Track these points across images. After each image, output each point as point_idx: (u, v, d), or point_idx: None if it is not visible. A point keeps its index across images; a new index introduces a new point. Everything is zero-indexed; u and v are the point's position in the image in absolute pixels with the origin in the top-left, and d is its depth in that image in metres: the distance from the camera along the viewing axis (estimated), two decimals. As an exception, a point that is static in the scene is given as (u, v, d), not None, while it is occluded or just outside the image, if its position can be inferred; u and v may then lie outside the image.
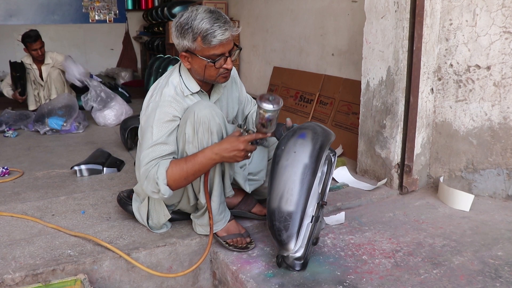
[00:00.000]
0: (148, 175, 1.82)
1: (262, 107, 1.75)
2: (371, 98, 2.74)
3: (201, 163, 1.81)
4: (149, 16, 8.03)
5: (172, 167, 1.81)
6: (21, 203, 2.53)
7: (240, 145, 1.79)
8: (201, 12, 1.81)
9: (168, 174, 1.80)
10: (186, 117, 1.86)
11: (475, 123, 2.51)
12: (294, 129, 1.90)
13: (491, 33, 2.39)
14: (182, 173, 1.81)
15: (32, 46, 4.82)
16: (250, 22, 5.51)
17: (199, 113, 1.82)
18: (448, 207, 2.46)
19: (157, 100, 1.90)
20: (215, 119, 1.85)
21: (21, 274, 1.79)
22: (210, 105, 1.88)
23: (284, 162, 1.81)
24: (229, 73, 1.95)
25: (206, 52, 1.83)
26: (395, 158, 2.62)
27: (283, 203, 1.77)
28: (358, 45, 3.45)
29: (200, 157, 1.82)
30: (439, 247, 2.02)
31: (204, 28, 1.78)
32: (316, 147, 1.82)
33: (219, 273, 2.04)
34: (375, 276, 1.80)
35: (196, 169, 1.82)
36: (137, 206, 2.18)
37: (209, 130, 1.84)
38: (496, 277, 1.77)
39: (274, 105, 1.75)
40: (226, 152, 1.80)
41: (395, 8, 2.49)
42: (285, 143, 1.85)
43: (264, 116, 1.77)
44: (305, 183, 1.78)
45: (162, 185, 1.80)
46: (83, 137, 4.18)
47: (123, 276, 1.95)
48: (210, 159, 1.82)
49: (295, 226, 1.77)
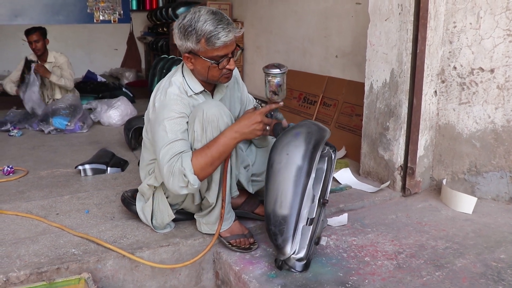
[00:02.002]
0: (173, 170, 1.79)
1: (271, 73, 1.83)
2: (375, 100, 2.74)
3: (224, 144, 1.82)
4: (153, 16, 8.05)
5: (196, 155, 1.81)
6: (25, 202, 2.55)
7: (257, 117, 1.82)
8: (204, 13, 1.82)
9: (193, 163, 1.79)
10: (195, 115, 1.86)
11: (478, 125, 2.51)
12: (288, 130, 1.90)
13: (495, 36, 2.39)
14: (208, 159, 1.81)
15: (28, 38, 4.81)
16: (254, 24, 5.52)
17: (208, 111, 1.84)
18: (451, 210, 2.46)
19: (162, 99, 1.91)
20: (224, 118, 1.86)
21: (25, 272, 1.80)
22: (218, 104, 1.90)
23: (277, 165, 1.81)
24: (231, 73, 1.96)
25: (210, 54, 1.84)
26: (398, 160, 2.63)
27: (277, 207, 1.78)
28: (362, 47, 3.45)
29: (221, 139, 1.83)
30: (442, 250, 2.02)
31: (208, 30, 1.79)
32: (310, 147, 1.80)
33: (222, 273, 2.05)
34: (378, 277, 1.81)
35: (220, 151, 1.82)
36: (141, 206, 2.19)
37: (218, 128, 1.85)
38: (498, 280, 1.77)
39: (281, 68, 1.84)
40: (246, 128, 1.83)
41: (399, 10, 2.50)
42: (278, 145, 1.85)
43: (274, 82, 1.85)
44: (299, 185, 1.78)
45: (190, 175, 1.78)
46: (87, 137, 4.20)
47: (127, 275, 1.97)
48: (232, 138, 1.83)
49: (290, 229, 1.78)
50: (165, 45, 7.48)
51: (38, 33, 4.82)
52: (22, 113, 4.64)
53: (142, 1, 9.30)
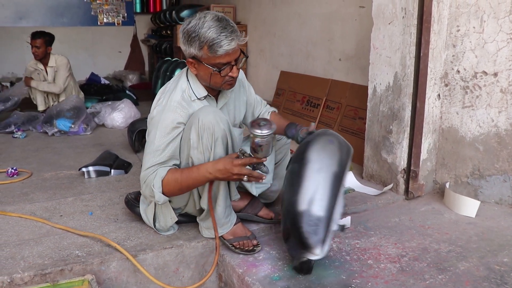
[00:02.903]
0: (146, 180, 1.92)
1: (252, 132, 1.76)
2: (378, 104, 2.75)
3: (195, 179, 1.87)
4: (157, 19, 8.07)
5: (168, 176, 1.88)
6: (29, 204, 2.56)
7: (233, 169, 1.80)
8: (209, 20, 1.81)
9: (163, 183, 1.88)
10: (191, 123, 1.88)
11: (481, 129, 2.51)
12: (319, 134, 1.92)
13: (498, 40, 2.39)
14: (176, 185, 1.88)
15: (31, 41, 4.84)
16: (257, 26, 5.53)
17: (204, 119, 1.84)
18: (454, 213, 2.46)
19: (163, 104, 1.93)
20: (220, 125, 1.87)
21: (30, 274, 1.81)
22: (214, 111, 1.90)
23: (316, 165, 1.81)
24: (234, 80, 1.96)
25: (212, 61, 1.84)
26: (401, 163, 2.63)
27: (314, 207, 1.76)
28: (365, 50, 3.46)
29: (195, 172, 1.86)
30: (445, 253, 2.03)
31: (211, 37, 1.79)
32: (343, 157, 1.86)
33: (225, 276, 2.05)
34: (381, 280, 1.81)
35: (190, 183, 1.88)
36: (144, 208, 2.20)
37: (213, 136, 1.86)
38: (501, 283, 1.77)
39: (263, 130, 1.74)
40: (220, 174, 1.83)
41: (403, 14, 2.50)
42: (315, 146, 1.86)
43: (254, 141, 1.77)
44: (335, 190, 1.80)
45: (157, 193, 1.89)
46: (90, 139, 4.21)
47: (130, 277, 1.97)
48: (204, 177, 1.86)
49: (324, 231, 1.77)
50: (169, 47, 7.50)
51: (42, 40, 4.83)
52: (26, 115, 4.66)
53: (146, 3, 9.33)
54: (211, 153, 1.89)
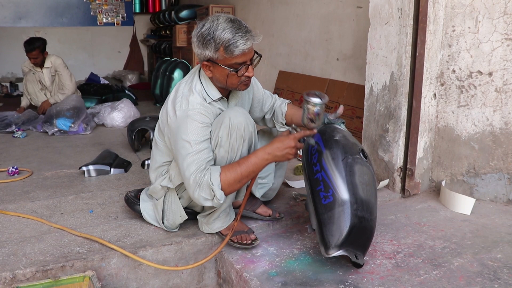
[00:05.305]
0: (200, 182, 1.82)
1: (311, 101, 1.83)
2: (375, 103, 2.78)
3: (255, 164, 1.85)
4: (156, 19, 8.10)
5: (225, 171, 1.83)
6: (30, 202, 2.59)
7: (291, 142, 1.84)
8: (222, 22, 1.82)
9: (222, 179, 1.82)
10: (221, 121, 1.89)
11: (477, 128, 2.55)
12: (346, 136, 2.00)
13: (493, 40, 2.43)
14: (237, 176, 1.84)
15: (28, 55, 4.90)
16: (256, 27, 5.56)
17: (235, 119, 1.87)
18: (449, 211, 2.49)
19: (184, 108, 1.89)
20: (249, 127, 1.91)
21: (31, 270, 1.84)
22: (244, 113, 1.93)
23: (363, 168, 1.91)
24: (250, 80, 1.97)
25: (228, 62, 1.85)
26: (397, 161, 2.66)
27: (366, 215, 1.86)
28: (363, 50, 3.49)
29: (253, 158, 1.86)
30: (440, 249, 2.06)
31: (226, 38, 1.80)
32: None
33: (224, 272, 2.08)
34: (376, 276, 1.84)
35: (250, 170, 1.85)
36: (144, 206, 2.23)
37: (242, 136, 1.89)
38: (495, 278, 1.81)
39: (322, 98, 1.83)
40: (279, 151, 1.85)
41: (399, 14, 2.54)
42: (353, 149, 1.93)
43: (313, 111, 1.84)
44: None
45: (217, 190, 1.81)
46: (90, 138, 4.25)
47: (130, 274, 2.01)
48: (263, 159, 1.86)
49: None
50: (168, 47, 7.53)
51: (37, 51, 4.87)
52: (26, 114, 4.69)
53: (145, 4, 9.35)
54: (236, 153, 1.91)
